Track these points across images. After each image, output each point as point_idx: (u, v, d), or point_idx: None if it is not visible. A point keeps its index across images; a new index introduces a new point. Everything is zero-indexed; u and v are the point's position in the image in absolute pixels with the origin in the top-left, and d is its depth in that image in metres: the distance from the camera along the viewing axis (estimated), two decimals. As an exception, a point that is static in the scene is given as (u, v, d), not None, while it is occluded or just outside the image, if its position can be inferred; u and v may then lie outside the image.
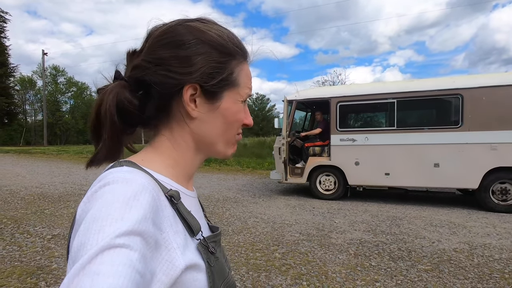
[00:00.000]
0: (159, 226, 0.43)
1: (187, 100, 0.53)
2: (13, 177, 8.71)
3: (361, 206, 5.99)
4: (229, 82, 0.55)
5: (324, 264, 3.30)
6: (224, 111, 0.55)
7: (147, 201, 0.42)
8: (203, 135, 0.56)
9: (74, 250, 0.36)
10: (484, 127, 5.49)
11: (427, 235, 4.25)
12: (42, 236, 4.00)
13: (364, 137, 6.26)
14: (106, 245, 0.34)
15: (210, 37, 0.53)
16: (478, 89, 5.55)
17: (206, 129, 0.55)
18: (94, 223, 0.37)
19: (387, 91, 6.20)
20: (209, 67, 0.53)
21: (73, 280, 0.32)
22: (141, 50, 0.54)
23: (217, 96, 0.54)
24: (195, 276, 0.47)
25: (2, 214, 4.96)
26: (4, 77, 29.00)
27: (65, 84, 45.57)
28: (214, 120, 0.55)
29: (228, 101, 0.55)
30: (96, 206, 0.39)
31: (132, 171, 0.47)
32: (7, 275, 2.92)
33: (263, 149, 14.56)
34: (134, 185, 0.43)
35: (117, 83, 0.51)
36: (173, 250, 0.44)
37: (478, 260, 3.42)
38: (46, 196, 6.38)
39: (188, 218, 0.50)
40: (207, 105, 0.54)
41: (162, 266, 0.42)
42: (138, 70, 0.52)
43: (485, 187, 5.56)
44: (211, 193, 7.09)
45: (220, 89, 0.54)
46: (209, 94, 0.54)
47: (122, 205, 0.39)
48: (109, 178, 0.44)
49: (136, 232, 0.37)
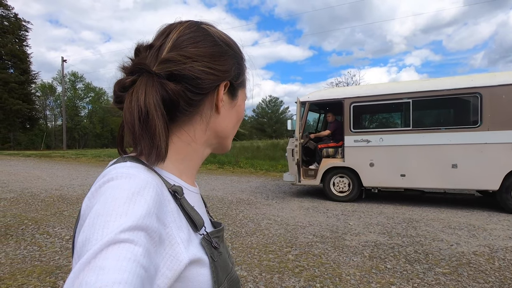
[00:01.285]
0: (163, 221, 0.43)
1: (221, 96, 0.55)
2: (34, 180, 9.01)
3: (376, 208, 5.88)
4: (243, 82, 0.62)
5: (338, 266, 3.26)
6: (238, 107, 0.61)
7: (151, 196, 0.42)
8: (220, 130, 0.59)
9: (79, 245, 0.36)
10: (505, 126, 5.31)
11: (445, 238, 4.13)
12: (61, 237, 4.12)
13: (379, 137, 6.16)
14: (111, 240, 0.34)
15: (228, 39, 0.59)
16: (497, 87, 5.37)
17: (224, 124, 0.59)
18: (98, 218, 0.37)
19: (402, 90, 6.08)
20: (236, 66, 0.58)
21: (78, 275, 0.32)
22: (161, 46, 0.51)
23: (236, 93, 0.60)
24: (199, 271, 0.47)
25: (23, 216, 5.13)
26: (26, 84, 30.17)
27: (83, 89, 46.91)
28: (231, 115, 0.60)
29: (241, 99, 0.61)
30: (100, 201, 0.40)
31: (136, 166, 0.47)
32: (28, 274, 3.02)
33: (276, 151, 14.52)
34: (138, 180, 0.43)
35: (149, 78, 0.47)
36: (177, 245, 0.44)
37: (500, 264, 3.29)
38: (65, 198, 6.56)
39: (191, 213, 0.50)
40: (229, 102, 0.59)
41: (166, 260, 0.42)
42: (171, 64, 0.49)
43: (507, 188, 5.37)
44: (224, 195, 7.13)
45: (239, 87, 0.60)
46: (232, 92, 0.59)
47: (126, 200, 0.39)
48: (112, 174, 0.44)
49: (140, 227, 0.37)
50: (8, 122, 28.55)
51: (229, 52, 0.57)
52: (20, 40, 29.99)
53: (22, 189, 7.52)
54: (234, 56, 0.58)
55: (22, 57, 29.70)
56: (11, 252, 3.56)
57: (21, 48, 29.87)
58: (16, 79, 28.53)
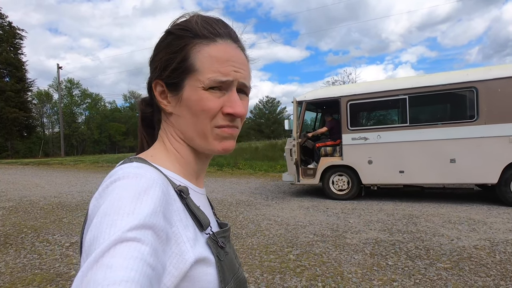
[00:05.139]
0: (169, 220, 0.43)
1: (158, 97, 0.54)
2: (32, 188, 8.97)
3: (376, 205, 5.89)
4: (183, 69, 0.50)
5: (339, 264, 3.26)
6: (187, 101, 0.51)
7: (157, 195, 0.42)
8: (182, 129, 0.54)
9: (87, 244, 0.37)
10: (501, 119, 5.32)
11: (446, 233, 4.13)
12: (61, 244, 4.10)
13: (377, 135, 6.17)
14: (118, 238, 0.35)
15: (172, 26, 0.54)
16: (493, 81, 5.39)
17: (182, 123, 0.53)
18: (106, 217, 0.38)
19: (398, 87, 6.09)
20: (165, 59, 0.52)
21: (87, 273, 0.32)
22: None
23: (179, 86, 0.51)
24: (205, 270, 0.47)
25: (23, 224, 5.11)
26: (22, 92, 30.06)
27: (80, 96, 46.82)
28: (183, 112, 0.52)
29: (188, 90, 0.51)
30: (107, 200, 0.40)
31: (142, 166, 0.47)
32: (28, 283, 3.00)
33: (274, 152, 14.52)
34: (144, 180, 0.43)
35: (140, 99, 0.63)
36: (183, 243, 0.44)
37: (501, 257, 3.30)
38: (64, 205, 6.53)
39: (197, 213, 0.50)
40: (174, 98, 0.53)
41: (172, 259, 0.42)
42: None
43: (505, 181, 5.38)
44: (224, 197, 7.11)
45: (177, 78, 0.51)
46: (172, 86, 0.52)
47: (133, 199, 0.40)
48: (119, 174, 0.44)
49: (147, 226, 0.38)
50: (6, 131, 28.45)
51: (163, 46, 0.53)
52: (15, 48, 29.90)
53: (20, 197, 7.48)
54: (168, 46, 0.52)
55: (18, 65, 29.61)
56: (11, 261, 3.54)
57: (16, 56, 29.78)
58: (12, 87, 28.44)
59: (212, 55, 0.50)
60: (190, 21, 0.52)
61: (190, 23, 0.51)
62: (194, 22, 0.51)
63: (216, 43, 0.51)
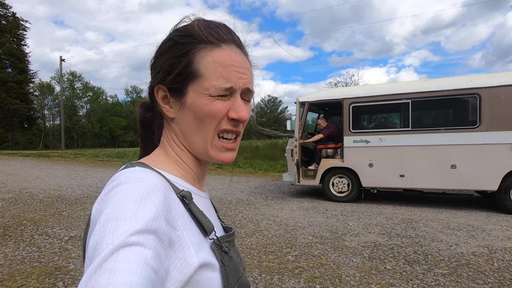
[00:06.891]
0: (173, 224, 0.44)
1: (160, 102, 0.54)
2: (32, 180, 8.98)
3: (376, 209, 5.89)
4: (187, 75, 0.50)
5: (337, 267, 3.26)
6: (191, 106, 0.51)
7: (159, 200, 0.42)
8: (183, 134, 0.54)
9: (91, 249, 0.37)
10: (503, 127, 5.32)
11: (444, 238, 4.14)
12: (60, 238, 4.10)
13: (378, 138, 6.17)
14: (121, 243, 0.35)
15: (175, 31, 0.54)
16: (496, 88, 5.39)
17: (183, 128, 0.54)
18: (108, 222, 0.38)
19: (402, 91, 6.09)
20: (169, 63, 0.51)
21: (90, 278, 0.33)
22: None
23: (183, 91, 0.51)
24: (209, 275, 0.47)
25: (22, 216, 5.11)
26: (24, 83, 30.03)
27: (81, 89, 46.80)
28: (186, 117, 0.52)
29: (192, 96, 0.51)
30: (110, 205, 0.40)
31: (144, 171, 0.48)
32: (27, 275, 3.00)
33: (275, 151, 14.52)
34: (146, 184, 0.44)
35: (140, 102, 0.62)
36: (187, 248, 0.44)
37: (498, 265, 3.30)
38: (64, 198, 6.54)
39: (200, 218, 0.50)
40: (177, 103, 0.53)
41: (176, 264, 0.42)
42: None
43: (505, 188, 5.38)
44: (223, 195, 7.12)
45: (181, 83, 0.51)
46: (175, 91, 0.52)
47: (135, 203, 0.40)
48: (121, 178, 0.45)
49: (149, 230, 0.38)
50: (6, 122, 28.45)
51: (164, 50, 0.53)
52: (18, 39, 29.85)
53: (20, 189, 7.49)
54: (170, 51, 0.52)
55: (20, 57, 29.58)
56: (10, 253, 3.55)
57: (19, 47, 29.74)
58: (14, 78, 28.40)
59: (216, 61, 0.50)
60: (193, 25, 0.52)
61: (193, 28, 0.51)
62: (197, 27, 0.51)
63: (220, 48, 0.51)
